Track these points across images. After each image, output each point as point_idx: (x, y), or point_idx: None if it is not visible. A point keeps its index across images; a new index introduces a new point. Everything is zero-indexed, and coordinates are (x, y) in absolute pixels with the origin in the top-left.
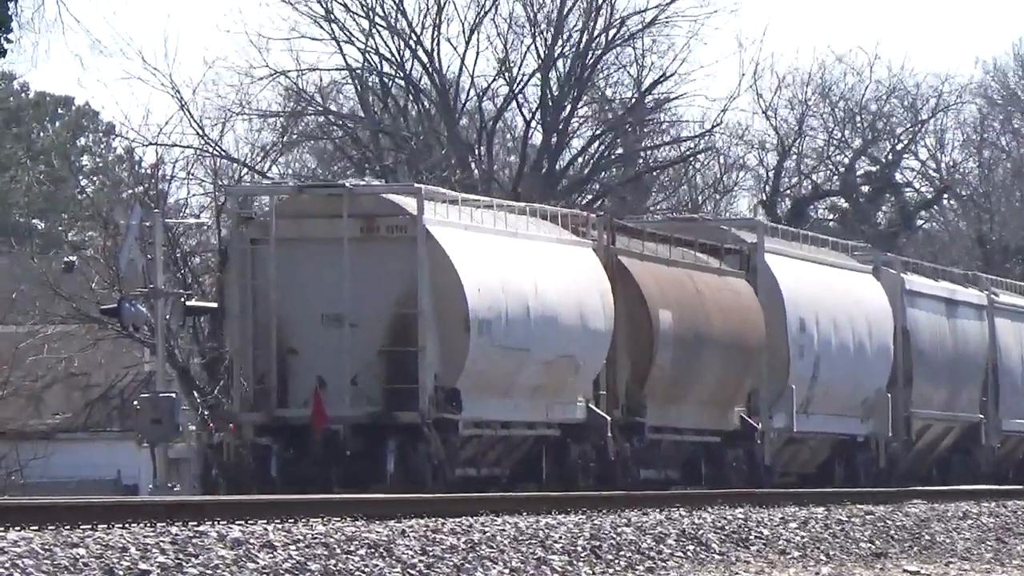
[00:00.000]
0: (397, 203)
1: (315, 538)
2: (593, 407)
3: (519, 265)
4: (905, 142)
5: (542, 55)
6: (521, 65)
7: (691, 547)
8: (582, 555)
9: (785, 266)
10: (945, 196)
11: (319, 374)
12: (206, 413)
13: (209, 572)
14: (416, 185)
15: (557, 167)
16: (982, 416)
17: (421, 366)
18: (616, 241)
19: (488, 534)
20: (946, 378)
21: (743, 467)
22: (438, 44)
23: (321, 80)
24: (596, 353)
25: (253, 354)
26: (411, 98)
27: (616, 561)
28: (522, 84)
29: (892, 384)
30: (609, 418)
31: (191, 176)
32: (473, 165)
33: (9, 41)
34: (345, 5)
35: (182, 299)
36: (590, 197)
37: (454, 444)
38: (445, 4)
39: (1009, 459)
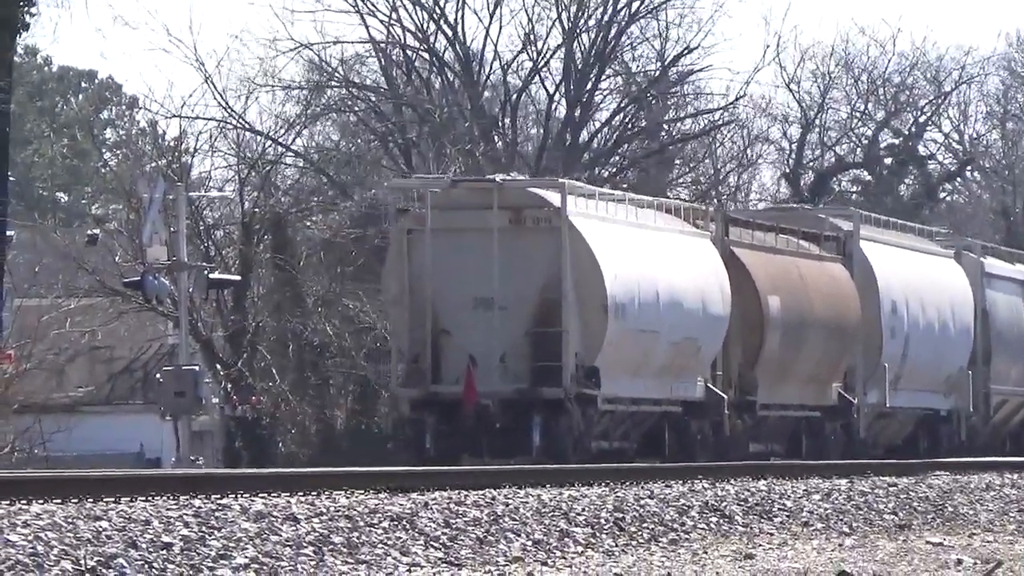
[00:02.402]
0: (542, 196)
1: (338, 511)
2: (711, 386)
3: (649, 254)
4: (928, 114)
5: (566, 28)
6: (546, 38)
7: (714, 519)
8: (605, 527)
9: (878, 252)
10: (968, 168)
11: (470, 353)
12: (229, 386)
13: (232, 545)
14: (560, 180)
15: (580, 140)
16: None
17: (564, 346)
18: (729, 232)
19: (511, 506)
20: (1021, 356)
21: (841, 439)
22: (462, 17)
23: (344, 53)
24: (715, 336)
25: (409, 335)
26: (435, 71)
27: (639, 533)
28: (546, 57)
29: (972, 362)
30: (725, 396)
31: (214, 149)
32: (496, 138)
33: (32, 15)
34: None
35: (205, 272)
36: (613, 170)
37: (592, 418)
38: None
39: None
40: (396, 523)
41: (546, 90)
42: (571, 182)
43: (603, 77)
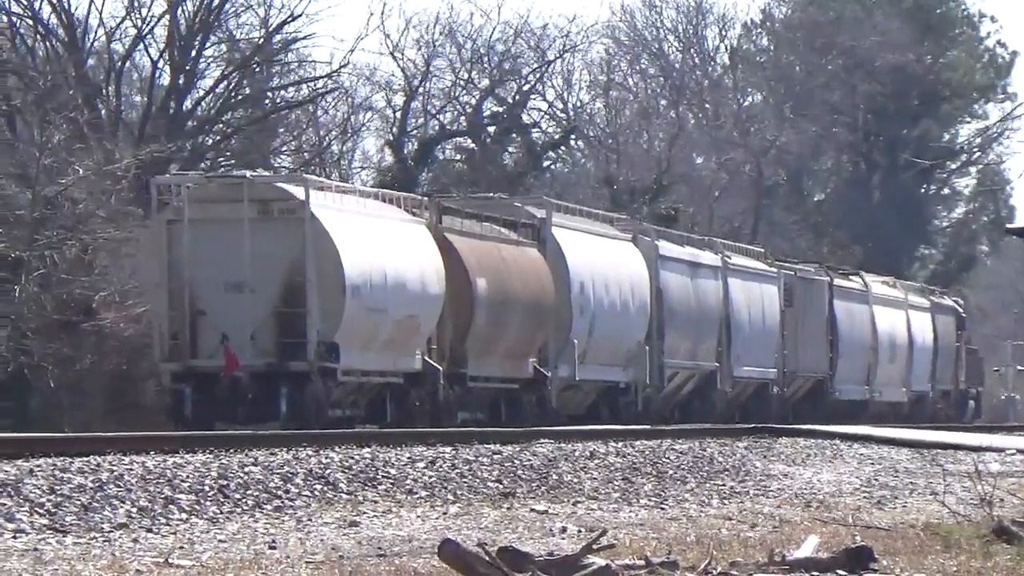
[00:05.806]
0: (288, 190)
1: None
2: (428, 359)
3: (377, 241)
4: (532, 83)
5: None
6: (151, 5)
7: (319, 487)
8: (209, 494)
9: (568, 237)
10: (572, 137)
11: (223, 331)
12: None
13: None
14: (303, 175)
15: (184, 108)
16: (717, 364)
17: (308, 324)
18: (442, 219)
19: (116, 473)
20: (691, 331)
21: (535, 409)
22: None
23: None
24: (432, 314)
25: (169, 315)
26: (39, 37)
27: (244, 500)
28: (151, 24)
29: (648, 337)
30: (440, 368)
31: None
32: (101, 106)
33: None
34: None
35: None
36: (218, 138)
37: (331, 388)
38: None
39: (737, 401)
40: (1, 489)
41: (150, 57)
42: (311, 177)
43: (207, 44)
